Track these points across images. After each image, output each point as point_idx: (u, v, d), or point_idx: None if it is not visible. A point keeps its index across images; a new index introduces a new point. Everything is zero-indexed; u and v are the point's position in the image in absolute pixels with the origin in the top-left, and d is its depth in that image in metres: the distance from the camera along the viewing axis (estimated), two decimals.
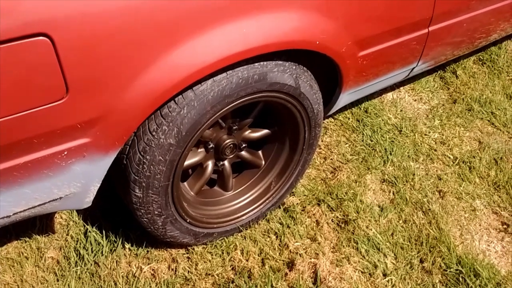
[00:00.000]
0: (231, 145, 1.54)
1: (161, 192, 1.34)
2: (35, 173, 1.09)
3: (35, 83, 0.96)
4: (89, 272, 1.57)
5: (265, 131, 1.63)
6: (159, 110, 1.22)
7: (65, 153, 1.10)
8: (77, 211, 1.74)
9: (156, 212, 1.38)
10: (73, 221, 1.71)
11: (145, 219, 1.40)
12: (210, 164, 1.57)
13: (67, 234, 1.68)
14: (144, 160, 1.26)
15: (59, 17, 0.93)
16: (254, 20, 1.19)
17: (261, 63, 1.30)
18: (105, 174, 1.23)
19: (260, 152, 1.72)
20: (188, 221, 1.49)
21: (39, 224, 1.69)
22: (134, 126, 1.16)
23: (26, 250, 1.64)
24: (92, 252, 1.61)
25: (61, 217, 1.74)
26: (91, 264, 1.58)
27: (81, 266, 1.58)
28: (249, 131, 1.60)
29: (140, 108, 1.13)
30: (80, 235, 1.66)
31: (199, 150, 1.52)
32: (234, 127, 1.51)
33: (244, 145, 1.60)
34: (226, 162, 1.61)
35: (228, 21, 1.15)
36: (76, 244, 1.64)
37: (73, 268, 1.57)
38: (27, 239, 1.66)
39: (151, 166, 1.27)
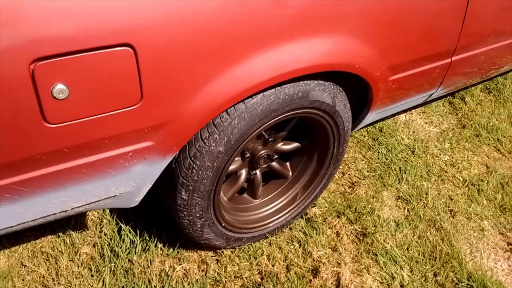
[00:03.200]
0: (265, 156, 1.64)
1: (205, 196, 1.43)
2: (100, 171, 1.18)
3: (115, 88, 1.05)
4: (123, 269, 1.64)
5: (296, 144, 1.73)
6: (212, 120, 1.31)
7: (130, 154, 1.18)
8: (110, 210, 1.81)
9: (197, 215, 1.47)
10: (106, 219, 1.79)
11: (185, 221, 1.48)
12: (244, 173, 1.66)
13: (100, 232, 1.75)
14: (194, 165, 1.35)
15: (143, 29, 1.02)
16: (305, 43, 1.29)
17: (306, 81, 1.41)
18: (158, 176, 1.32)
19: (288, 163, 1.82)
20: (223, 225, 1.58)
21: (74, 221, 1.76)
22: (192, 133, 1.25)
23: (60, 245, 1.71)
24: (126, 250, 1.68)
25: (94, 215, 1.82)
26: (125, 261, 1.65)
27: (115, 263, 1.65)
28: (282, 143, 1.70)
29: (200, 117, 1.22)
30: (114, 233, 1.74)
31: (236, 159, 1.61)
32: (270, 139, 1.61)
33: (276, 156, 1.70)
34: (258, 171, 1.70)
35: (284, 43, 1.25)
36: (110, 241, 1.71)
37: (107, 264, 1.65)
38: (61, 234, 1.73)
39: (200, 171, 1.36)
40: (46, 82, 0.96)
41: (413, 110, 2.60)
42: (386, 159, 2.23)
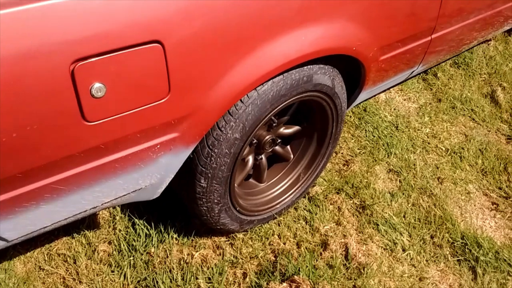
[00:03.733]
0: (270, 140, 1.72)
1: (222, 182, 1.49)
2: (131, 165, 1.22)
3: (145, 84, 1.11)
4: (142, 262, 1.69)
5: (297, 127, 1.82)
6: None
7: (158, 146, 1.24)
8: (121, 207, 1.84)
9: (215, 201, 1.54)
10: (119, 216, 1.82)
11: (204, 207, 1.55)
12: (251, 158, 1.74)
13: (114, 229, 1.79)
14: (212, 153, 1.41)
15: (171, 26, 1.08)
16: (309, 31, 1.38)
17: (309, 66, 1.50)
18: (180, 166, 1.38)
19: (288, 147, 1.91)
20: (237, 209, 1.66)
21: (87, 220, 1.79)
22: (213, 122, 1.32)
23: (76, 245, 1.74)
24: (142, 243, 1.73)
25: (105, 214, 1.85)
26: (143, 254, 1.70)
27: (134, 257, 1.70)
28: (284, 127, 1.79)
29: (220, 106, 1.29)
30: (129, 228, 1.78)
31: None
32: (274, 124, 1.69)
33: (279, 141, 1.79)
34: (263, 156, 1.78)
35: (290, 32, 1.33)
36: (126, 236, 1.75)
37: (126, 258, 1.69)
38: (75, 235, 1.76)
39: (218, 158, 1.43)
40: (85, 82, 1.00)
41: (391, 89, 2.75)
42: (374, 136, 2.36)
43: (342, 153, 2.25)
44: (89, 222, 1.79)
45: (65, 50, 0.95)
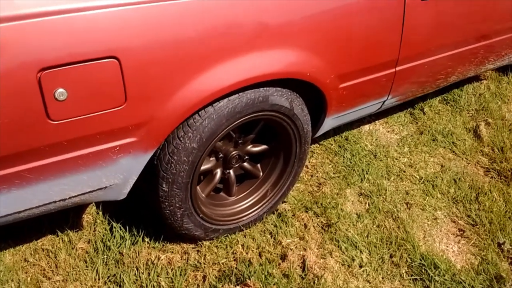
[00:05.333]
0: (237, 156, 1.90)
1: (182, 187, 1.67)
2: (93, 162, 1.43)
3: (104, 92, 1.32)
4: (114, 260, 1.86)
5: (264, 146, 2.00)
6: (186, 121, 1.58)
7: (117, 148, 1.44)
8: (103, 211, 2.04)
9: (177, 205, 1.71)
10: (100, 220, 2.02)
11: (167, 211, 1.72)
12: (218, 172, 1.91)
13: (94, 230, 1.98)
14: (172, 160, 1.60)
15: (126, 45, 1.30)
16: (260, 55, 1.58)
17: (265, 88, 1.69)
18: (141, 169, 1.57)
19: (258, 165, 2.08)
20: (200, 216, 1.82)
21: (71, 221, 1.99)
22: (169, 131, 1.51)
23: (59, 242, 1.93)
24: (117, 244, 1.91)
25: (88, 217, 2.05)
26: (116, 254, 1.88)
27: (107, 255, 1.88)
28: (251, 145, 1.96)
29: (174, 117, 1.49)
30: (107, 230, 1.97)
31: (211, 158, 1.87)
32: (240, 141, 1.87)
33: (246, 157, 1.96)
34: (231, 171, 1.96)
35: (243, 54, 1.54)
36: (103, 237, 1.94)
37: (100, 256, 1.87)
38: (59, 233, 1.96)
39: (177, 165, 1.61)
40: (50, 87, 1.22)
41: (376, 121, 2.89)
42: (351, 163, 2.49)
43: (317, 176, 2.39)
44: (73, 223, 1.99)
45: (33, 60, 1.18)
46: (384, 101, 2.28)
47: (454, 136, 2.77)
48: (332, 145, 2.62)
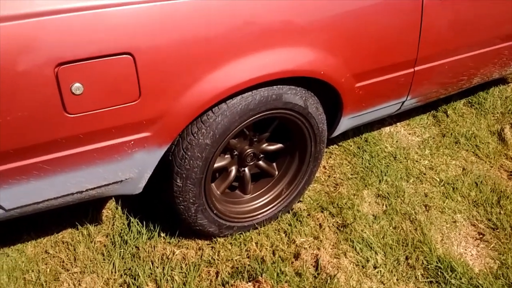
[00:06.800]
0: (251, 154, 1.91)
1: (196, 183, 1.70)
2: (108, 156, 1.47)
3: (118, 87, 1.37)
4: (130, 254, 1.91)
5: (279, 145, 2.01)
6: (199, 117, 1.61)
7: (132, 142, 1.48)
8: (122, 206, 2.10)
9: (191, 201, 1.74)
10: (118, 215, 2.07)
11: (181, 206, 1.76)
12: (233, 169, 1.94)
13: (113, 224, 2.04)
14: (186, 156, 1.64)
15: (140, 41, 1.34)
16: (274, 52, 1.60)
17: (279, 86, 1.70)
18: (156, 164, 1.61)
19: (274, 163, 2.09)
20: (214, 212, 1.84)
21: (90, 215, 2.05)
22: (182, 126, 1.55)
23: (78, 236, 1.99)
24: (133, 238, 1.95)
25: (108, 212, 2.11)
26: (132, 248, 1.92)
27: (124, 249, 1.92)
28: (266, 144, 1.98)
29: (188, 113, 1.52)
30: (125, 225, 2.02)
31: (226, 156, 1.89)
32: (255, 139, 1.89)
33: (261, 156, 1.97)
34: (246, 169, 1.97)
35: (256, 52, 1.55)
36: (121, 231, 1.99)
37: (117, 250, 1.92)
38: (79, 226, 2.02)
39: (191, 161, 1.64)
40: (67, 81, 1.28)
41: (398, 123, 2.85)
42: (369, 164, 2.47)
43: (334, 177, 2.38)
44: (92, 217, 2.05)
45: (51, 56, 1.24)
46: (403, 101, 2.25)
47: (477, 139, 2.70)
48: (351, 146, 2.60)
